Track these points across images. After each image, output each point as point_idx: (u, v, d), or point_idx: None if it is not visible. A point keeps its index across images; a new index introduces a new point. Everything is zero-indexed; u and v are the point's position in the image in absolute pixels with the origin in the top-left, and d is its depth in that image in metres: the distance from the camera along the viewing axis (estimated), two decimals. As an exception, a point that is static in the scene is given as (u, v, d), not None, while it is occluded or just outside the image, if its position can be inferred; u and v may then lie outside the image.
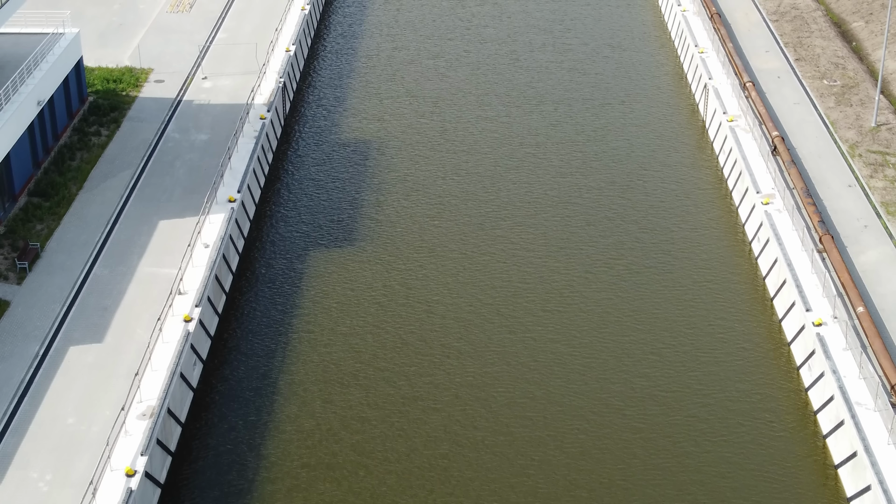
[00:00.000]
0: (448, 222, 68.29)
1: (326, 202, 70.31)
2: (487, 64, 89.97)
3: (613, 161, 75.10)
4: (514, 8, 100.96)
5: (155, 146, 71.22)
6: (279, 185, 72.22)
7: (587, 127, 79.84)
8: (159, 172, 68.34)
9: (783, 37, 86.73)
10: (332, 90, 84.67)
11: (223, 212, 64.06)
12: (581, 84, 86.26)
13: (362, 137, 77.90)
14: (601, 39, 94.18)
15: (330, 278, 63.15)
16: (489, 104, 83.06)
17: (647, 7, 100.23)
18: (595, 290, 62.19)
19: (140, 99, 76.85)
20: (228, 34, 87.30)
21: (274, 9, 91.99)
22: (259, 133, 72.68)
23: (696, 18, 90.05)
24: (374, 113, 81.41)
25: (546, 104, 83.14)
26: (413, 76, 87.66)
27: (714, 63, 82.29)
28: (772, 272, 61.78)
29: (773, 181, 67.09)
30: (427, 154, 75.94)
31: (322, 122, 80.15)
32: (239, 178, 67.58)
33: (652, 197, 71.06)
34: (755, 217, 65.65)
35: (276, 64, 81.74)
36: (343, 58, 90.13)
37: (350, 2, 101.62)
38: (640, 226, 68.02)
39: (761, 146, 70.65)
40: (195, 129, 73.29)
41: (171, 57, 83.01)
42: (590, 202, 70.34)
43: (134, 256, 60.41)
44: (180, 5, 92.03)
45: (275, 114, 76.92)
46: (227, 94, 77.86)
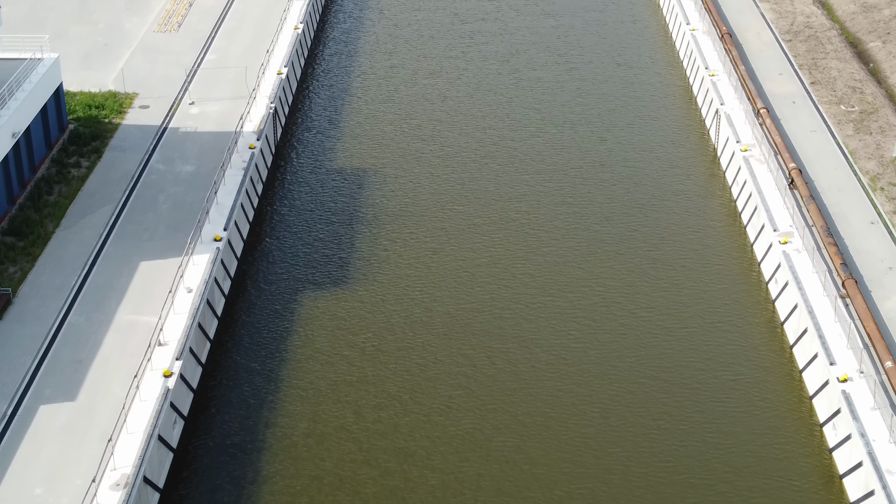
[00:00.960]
0: (447, 257, 64.58)
1: (318, 237, 66.60)
2: (488, 83, 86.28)
3: (620, 189, 71.40)
4: (516, 23, 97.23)
5: (138, 179, 67.49)
6: (269, 220, 68.50)
7: (592, 151, 76.13)
8: (141, 208, 64.61)
9: (797, 58, 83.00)
10: (325, 113, 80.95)
11: (208, 252, 60.33)
12: (586, 105, 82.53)
13: (357, 164, 74.18)
14: (606, 57, 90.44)
15: (321, 322, 59.44)
16: (490, 127, 79.33)
17: (653, 24, 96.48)
18: (602, 332, 58.47)
19: (123, 126, 73.10)
20: (218, 55, 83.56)
21: (265, 28, 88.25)
22: (248, 164, 68.95)
23: (705, 38, 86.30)
24: (370, 137, 77.69)
25: (549, 126, 79.41)
26: (411, 96, 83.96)
27: (726, 87, 78.55)
28: (791, 318, 58.06)
29: (791, 218, 63.34)
30: (425, 183, 72.21)
31: (315, 147, 76.43)
32: (225, 214, 63.84)
33: (661, 229, 67.36)
34: (772, 257, 61.92)
35: (267, 88, 77.99)
36: (338, 78, 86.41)
37: (345, 18, 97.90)
38: (650, 259, 64.33)
39: (777, 179, 66.91)
40: (180, 160, 69.57)
41: (158, 80, 79.27)
42: (596, 234, 66.61)
43: (112, 302, 56.67)
44: (168, 24, 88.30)
45: (265, 142, 73.19)
46: (214, 121, 74.11)
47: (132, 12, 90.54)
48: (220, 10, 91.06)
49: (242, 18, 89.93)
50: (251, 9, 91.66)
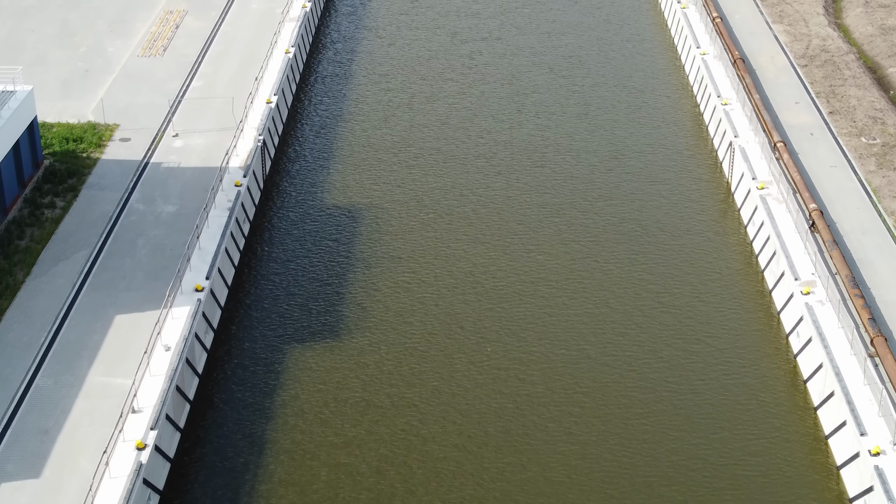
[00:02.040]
0: (446, 302, 60.46)
1: (309, 284, 62.47)
2: (489, 108, 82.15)
3: (628, 225, 67.26)
4: (517, 43, 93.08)
5: (116, 220, 63.34)
6: (255, 265, 64.35)
7: (599, 182, 72.01)
8: (119, 253, 60.47)
9: (814, 85, 78.87)
10: (317, 142, 76.79)
11: (189, 304, 56.21)
12: (592, 131, 78.41)
13: (350, 199, 70.06)
14: (612, 80, 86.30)
15: (311, 376, 55.33)
16: (491, 156, 75.15)
17: (660, 44, 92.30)
18: (608, 385, 54.37)
19: (102, 162, 68.97)
20: (204, 82, 79.39)
21: (255, 52, 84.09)
22: (233, 203, 64.82)
23: (717, 63, 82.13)
24: (365, 167, 73.53)
25: (553, 154, 75.31)
26: (408, 123, 79.84)
27: (739, 117, 74.38)
28: (816, 377, 53.93)
29: (814, 265, 59.21)
30: (422, 219, 68.04)
31: (306, 181, 72.30)
32: (208, 260, 59.72)
33: (672, 270, 63.26)
34: (794, 308, 57.78)
35: (256, 118, 73.83)
36: (330, 104, 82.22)
37: (339, 38, 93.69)
38: (660, 304, 60.24)
39: (797, 221, 62.78)
40: (162, 199, 65.43)
41: (140, 110, 75.10)
42: (602, 276, 62.50)
43: (83, 362, 52.53)
44: (153, 48, 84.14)
45: (252, 178, 69.04)
46: (199, 156, 69.97)
47: (116, 35, 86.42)
48: (207, 33, 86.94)
49: (231, 42, 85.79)
50: (240, 31, 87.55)
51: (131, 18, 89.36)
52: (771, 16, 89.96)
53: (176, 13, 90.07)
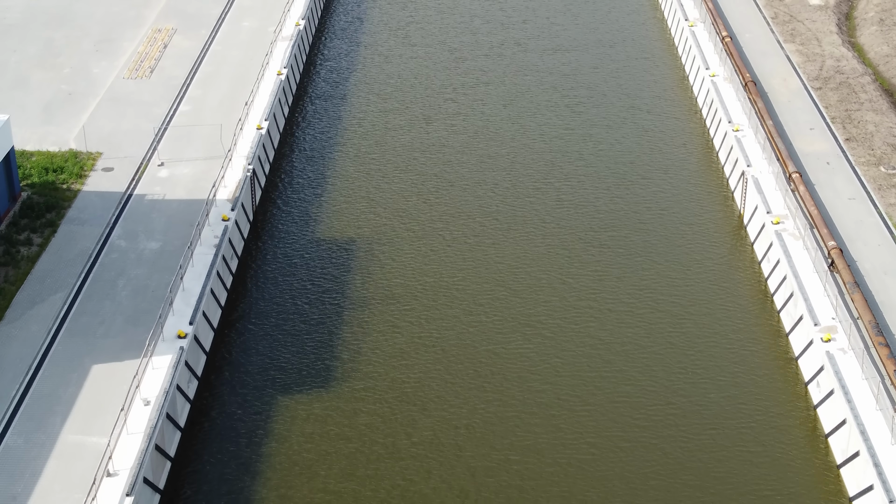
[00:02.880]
0: (445, 344, 57.09)
1: (300, 324, 59.13)
2: (489, 130, 78.78)
3: (635, 259, 63.90)
4: (519, 60, 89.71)
5: (95, 259, 59.96)
6: (243, 304, 61.00)
7: (603, 211, 68.69)
8: (98, 295, 57.11)
9: (829, 109, 75.49)
10: (310, 169, 73.44)
11: (170, 352, 52.86)
12: (597, 155, 75.09)
13: (345, 232, 66.70)
14: (617, 100, 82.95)
15: (300, 429, 52.02)
16: (493, 183, 71.77)
17: (668, 65, 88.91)
18: (618, 437, 51.02)
19: (83, 194, 65.60)
20: (192, 106, 76.00)
21: (245, 73, 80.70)
22: (220, 239, 61.45)
23: (727, 86, 78.72)
24: (360, 195, 70.15)
25: (557, 180, 72.06)
26: (405, 146, 76.52)
27: (752, 145, 71.00)
28: (838, 433, 50.56)
29: (834, 309, 55.83)
30: (421, 252, 64.69)
31: (297, 212, 68.94)
32: (192, 303, 56.36)
33: (682, 308, 59.96)
34: (813, 356, 54.41)
35: (245, 146, 70.47)
36: (324, 127, 78.83)
37: (333, 56, 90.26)
38: (670, 344, 56.95)
39: (816, 260, 59.41)
40: (145, 235, 62.05)
41: (124, 137, 71.73)
42: (608, 312, 59.15)
43: (56, 418, 49.17)
44: (140, 69, 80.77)
45: (240, 210, 65.68)
46: (185, 187, 66.61)
47: (101, 55, 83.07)
48: (196, 53, 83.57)
49: (221, 62, 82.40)
50: (231, 51, 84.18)
51: (118, 37, 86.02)
52: (782, 34, 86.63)
53: (164, 31, 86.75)
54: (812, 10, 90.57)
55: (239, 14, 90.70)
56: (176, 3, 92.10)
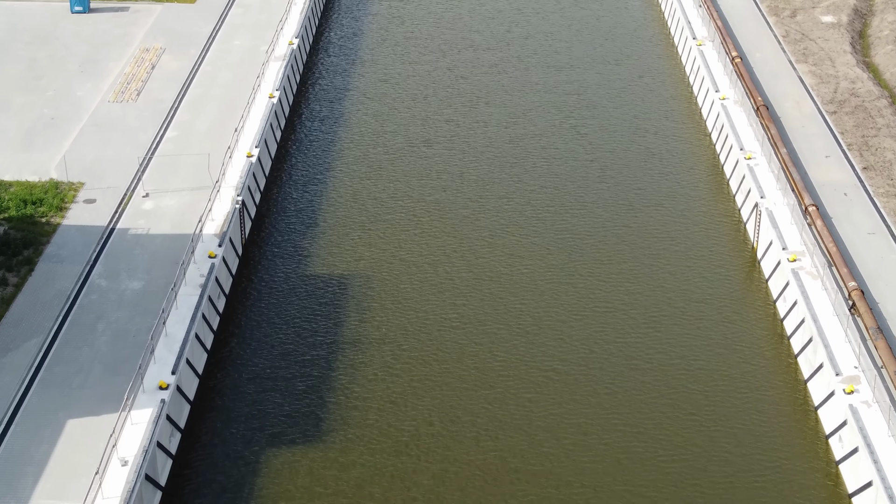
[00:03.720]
0: (444, 389, 53.87)
1: (290, 367, 55.90)
2: (490, 153, 75.64)
3: (641, 292, 60.67)
4: (521, 79, 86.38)
5: (74, 300, 56.73)
6: (230, 349, 57.79)
7: (608, 240, 65.46)
8: (76, 341, 53.88)
9: (844, 135, 72.27)
10: (303, 199, 70.19)
11: (151, 405, 49.63)
12: (601, 181, 71.90)
13: (338, 268, 63.46)
14: (622, 121, 79.69)
15: (289, 485, 48.78)
16: (492, 210, 68.54)
17: (674, 84, 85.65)
18: (626, 489, 47.99)
19: (63, 228, 62.38)
20: (180, 131, 72.79)
21: (236, 96, 77.50)
22: (206, 279, 58.22)
23: (738, 110, 75.47)
24: (355, 228, 66.90)
25: (560, 207, 68.92)
26: (402, 172, 73.30)
27: (765, 174, 67.77)
28: (864, 494, 47.34)
29: (857, 357, 52.60)
30: (418, 290, 61.47)
31: (289, 246, 65.70)
32: (176, 350, 53.14)
33: (691, 349, 56.75)
34: (836, 408, 51.18)
35: (234, 176, 67.25)
36: (318, 152, 75.53)
37: (328, 74, 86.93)
38: (678, 387, 53.67)
39: (836, 302, 56.16)
40: (127, 274, 58.82)
41: (108, 165, 68.50)
42: (614, 354, 55.91)
43: (27, 480, 45.94)
44: (126, 92, 77.55)
45: (229, 246, 62.44)
46: (170, 220, 63.38)
47: (86, 76, 79.87)
48: (185, 75, 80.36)
49: (210, 85, 79.19)
50: (221, 73, 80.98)
51: (104, 57, 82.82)
52: (794, 54, 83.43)
53: (153, 51, 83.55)
54: (824, 28, 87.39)
55: (230, 32, 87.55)
56: (165, 21, 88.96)
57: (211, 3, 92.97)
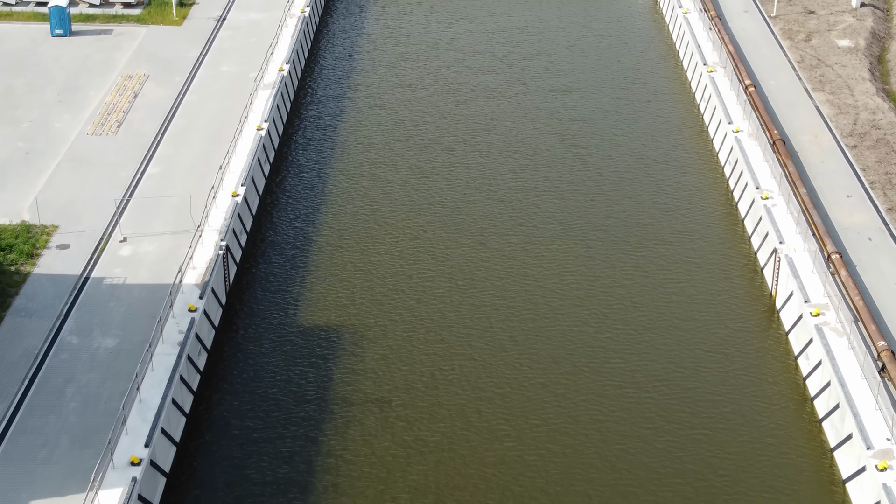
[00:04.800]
0: (440, 452, 49.79)
1: (274, 432, 51.80)
2: (490, 186, 71.54)
3: (650, 341, 56.59)
4: (523, 104, 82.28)
5: (42, 361, 52.60)
6: (210, 409, 53.66)
7: (615, 281, 61.37)
8: (42, 408, 49.75)
9: (866, 172, 68.16)
10: (292, 239, 66.07)
11: (122, 484, 45.55)
12: (607, 215, 67.88)
13: (328, 319, 59.38)
14: (629, 151, 75.56)
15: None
16: (493, 250, 64.41)
17: (685, 112, 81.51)
18: None
19: (34, 278, 58.26)
20: (162, 167, 68.68)
21: (222, 127, 73.33)
22: (186, 335, 54.10)
23: (753, 144, 71.31)
24: (347, 270, 62.81)
25: (564, 245, 64.82)
26: (397, 208, 69.24)
27: (783, 216, 63.63)
28: (900, 587, 43.33)
29: (889, 428, 48.48)
30: (413, 343, 57.36)
31: (276, 292, 61.58)
32: (150, 418, 49.03)
33: (705, 406, 52.64)
34: (867, 485, 47.08)
35: (218, 218, 63.10)
36: (308, 188, 71.38)
37: (321, 100, 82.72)
38: (694, 452, 49.55)
39: (864, 364, 52.04)
40: (100, 330, 54.70)
41: (84, 207, 64.37)
42: (622, 415, 51.82)
43: (-17, 574, 41.96)
44: (106, 124, 73.42)
45: (211, 296, 58.31)
46: (149, 268, 59.25)
47: (65, 106, 75.72)
48: (169, 104, 76.22)
49: (195, 115, 75.04)
50: (207, 102, 76.83)
51: (84, 85, 78.68)
52: (811, 82, 79.29)
53: (136, 78, 79.41)
54: (841, 54, 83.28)
55: (217, 57, 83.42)
56: (149, 45, 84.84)
57: (198, 25, 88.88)
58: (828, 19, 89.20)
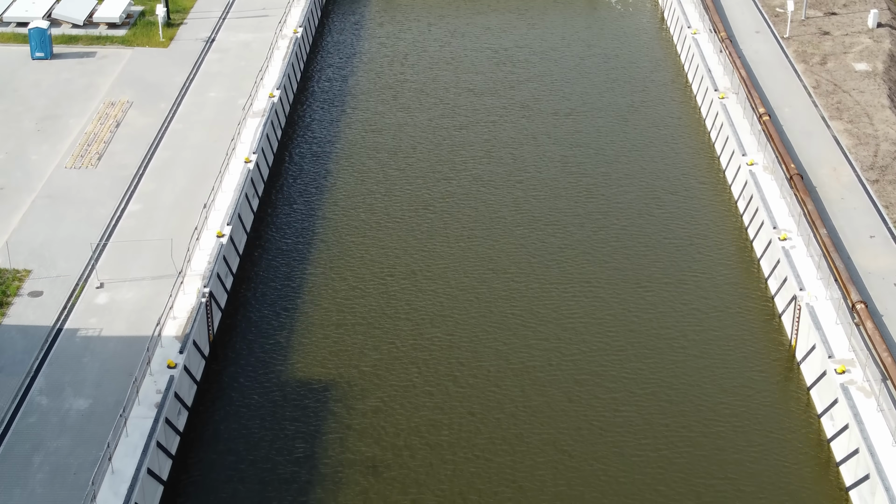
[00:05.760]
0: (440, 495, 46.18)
1: (262, 490, 48.20)
2: (490, 222, 67.88)
3: (661, 391, 52.80)
4: (524, 129, 78.45)
5: (9, 425, 48.82)
6: (191, 477, 49.83)
7: (623, 327, 57.55)
8: (7, 479, 45.96)
9: (889, 210, 64.36)
10: (280, 282, 62.29)
11: (90, 570, 41.81)
12: (613, 252, 64.21)
13: (318, 372, 55.66)
14: (637, 180, 71.82)
15: None
16: (493, 291, 60.61)
17: (695, 140, 77.71)
18: None
19: (3, 329, 54.46)
20: (143, 205, 64.90)
21: (208, 161, 69.53)
22: (164, 396, 50.32)
23: (768, 178, 67.48)
24: (335, 313, 59.05)
25: (569, 283, 61.01)
26: (392, 241, 65.69)
27: (803, 259, 59.82)
28: None
29: (924, 504, 44.77)
30: (410, 400, 53.57)
31: (263, 340, 57.84)
32: (122, 493, 45.23)
33: (721, 466, 48.90)
34: (901, 570, 43.36)
35: (202, 262, 59.31)
36: (299, 224, 67.55)
37: (312, 125, 78.90)
38: None
39: (894, 428, 48.28)
40: (73, 389, 50.91)
41: (59, 248, 60.60)
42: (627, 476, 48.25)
43: None
44: (85, 156, 69.65)
45: (192, 349, 54.49)
46: (126, 318, 55.45)
47: (43, 137, 71.94)
48: (153, 134, 72.43)
49: (180, 146, 71.24)
50: (193, 131, 73.04)
51: (65, 112, 74.90)
52: (827, 109, 75.48)
53: (118, 105, 75.61)
54: (858, 78, 79.47)
55: (205, 83, 79.60)
56: (134, 69, 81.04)
57: (185, 47, 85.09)
58: (843, 41, 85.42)
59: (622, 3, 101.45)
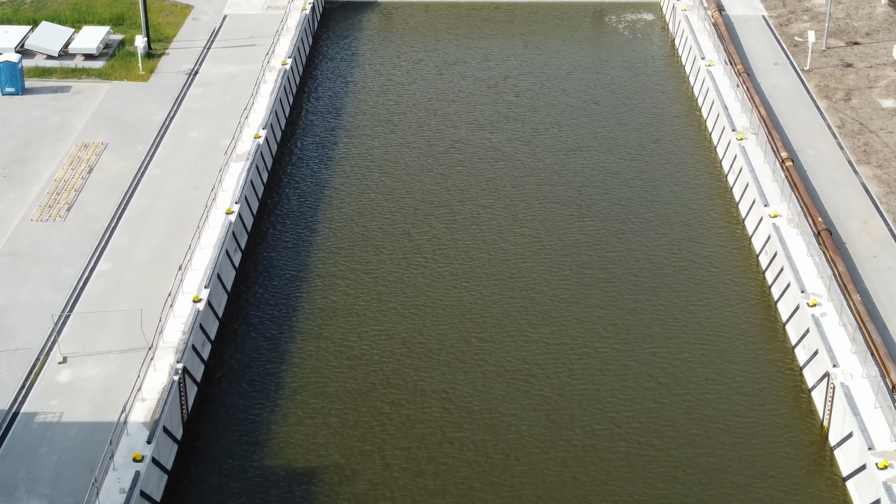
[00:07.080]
0: None
1: None
2: (492, 266, 62.87)
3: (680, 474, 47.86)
4: (525, 164, 73.68)
5: (-48, 533, 43.73)
6: (158, 588, 44.74)
7: (636, 394, 52.33)
8: None
9: (927, 270, 59.23)
10: (260, 351, 57.04)
11: None
12: (618, 307, 59.13)
13: (301, 459, 50.47)
14: (649, 231, 66.67)
15: None
16: (496, 348, 55.42)
17: (714, 189, 72.45)
18: None
19: (-48, 414, 49.34)
20: (114, 263, 59.64)
21: (187, 210, 64.33)
22: (127, 497, 45.06)
23: (794, 234, 62.19)
24: (325, 386, 53.88)
25: (577, 356, 55.75)
26: (387, 293, 60.88)
27: (835, 330, 54.51)
28: None
29: None
30: (408, 454, 48.55)
31: (240, 418, 52.64)
32: None
33: None
34: None
35: (176, 332, 54.06)
36: (282, 283, 62.30)
37: (300, 166, 73.58)
38: None
39: (947, 540, 43.10)
40: (26, 486, 45.68)
41: (20, 316, 55.37)
42: None
43: None
44: (54, 206, 64.43)
45: (162, 436, 49.23)
46: (90, 399, 50.20)
47: (9, 183, 66.76)
48: (128, 181, 67.19)
49: (157, 194, 66.01)
50: (172, 176, 67.82)
51: (34, 156, 69.67)
52: (854, 152, 70.26)
53: (92, 148, 70.38)
54: (886, 116, 74.25)
55: (186, 120, 74.32)
56: (110, 106, 75.77)
57: (167, 80, 79.81)
58: (868, 74, 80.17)
59: (630, 28, 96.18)
